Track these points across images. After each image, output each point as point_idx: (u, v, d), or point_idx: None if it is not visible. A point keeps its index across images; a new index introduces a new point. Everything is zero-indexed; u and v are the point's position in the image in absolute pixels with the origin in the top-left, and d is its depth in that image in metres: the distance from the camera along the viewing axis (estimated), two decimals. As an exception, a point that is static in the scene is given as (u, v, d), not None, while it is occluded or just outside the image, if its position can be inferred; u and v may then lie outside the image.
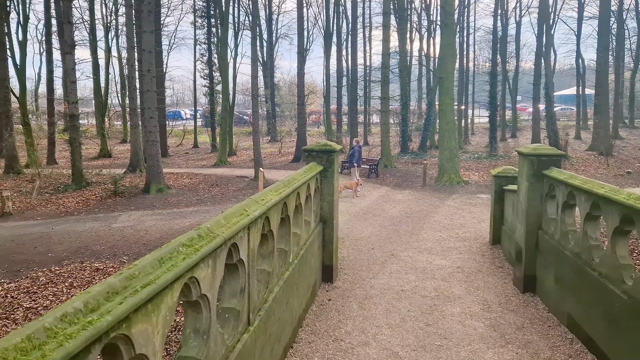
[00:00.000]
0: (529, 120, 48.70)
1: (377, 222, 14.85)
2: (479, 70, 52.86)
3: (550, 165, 7.97)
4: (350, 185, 19.32)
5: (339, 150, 8.91)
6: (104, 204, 19.15)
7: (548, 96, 29.34)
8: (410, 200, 18.35)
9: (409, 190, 20.55)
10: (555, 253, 7.39)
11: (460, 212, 16.17)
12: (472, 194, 19.84)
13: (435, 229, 13.93)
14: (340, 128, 34.55)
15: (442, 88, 21.90)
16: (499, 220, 11.86)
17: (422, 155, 31.00)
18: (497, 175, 11.91)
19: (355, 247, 11.93)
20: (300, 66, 29.33)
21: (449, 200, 18.37)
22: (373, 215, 15.73)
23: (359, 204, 17.63)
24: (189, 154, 35.76)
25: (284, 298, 5.66)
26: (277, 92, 40.46)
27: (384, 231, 13.65)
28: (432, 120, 32.78)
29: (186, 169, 28.34)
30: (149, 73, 20.41)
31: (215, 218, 3.90)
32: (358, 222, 14.91)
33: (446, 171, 21.54)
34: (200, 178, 24.10)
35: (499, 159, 29.76)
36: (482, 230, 13.70)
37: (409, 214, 15.89)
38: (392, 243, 12.33)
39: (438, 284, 8.89)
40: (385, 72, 26.18)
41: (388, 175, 24.32)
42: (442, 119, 21.96)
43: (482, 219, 15.14)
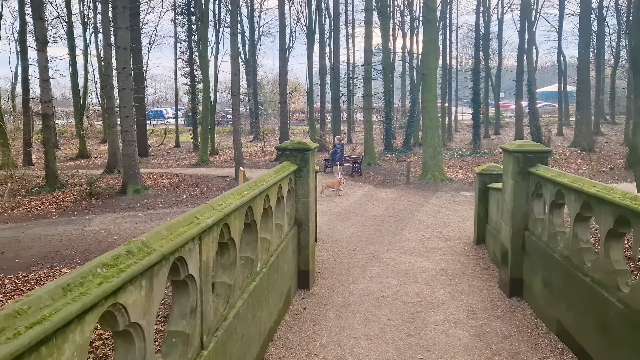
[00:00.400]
0: (512, 117, 48.58)
1: (360, 222, 14.32)
2: (462, 67, 52.67)
3: (537, 163, 7.49)
4: (333, 184, 18.80)
5: (315, 148, 8.35)
6: (78, 206, 18.38)
7: (531, 93, 29.08)
8: (394, 199, 17.86)
9: (393, 189, 20.07)
10: (543, 255, 6.91)
11: (444, 211, 15.72)
12: (456, 191, 19.42)
13: (418, 228, 13.44)
14: (323, 126, 33.97)
15: (425, 85, 21.45)
16: (483, 220, 11.40)
17: (406, 153, 30.57)
18: (481, 173, 11.44)
19: (336, 248, 11.39)
20: (282, 64, 28.70)
21: (432, 199, 17.92)
22: (355, 215, 15.20)
23: (341, 203, 17.10)
24: (170, 153, 34.93)
25: (250, 312, 5.09)
26: (260, 91, 39.74)
27: (366, 231, 13.13)
28: (415, 118, 32.37)
29: (166, 169, 27.57)
30: (125, 70, 19.65)
31: (157, 229, 3.31)
32: (340, 222, 14.37)
33: (430, 169, 21.10)
34: (180, 178, 23.38)
35: (483, 156, 29.44)
36: (466, 229, 13.25)
37: (392, 213, 15.39)
38: (374, 244, 11.81)
39: (421, 289, 8.37)
40: (367, 69, 25.67)
41: (371, 173, 23.83)
42: (425, 116, 21.51)
43: (466, 217, 14.70)
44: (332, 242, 12.07)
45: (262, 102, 39.38)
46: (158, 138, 39.56)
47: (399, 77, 43.71)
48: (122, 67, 19.66)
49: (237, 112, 21.62)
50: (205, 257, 3.82)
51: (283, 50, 28.89)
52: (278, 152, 8.26)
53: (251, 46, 38.87)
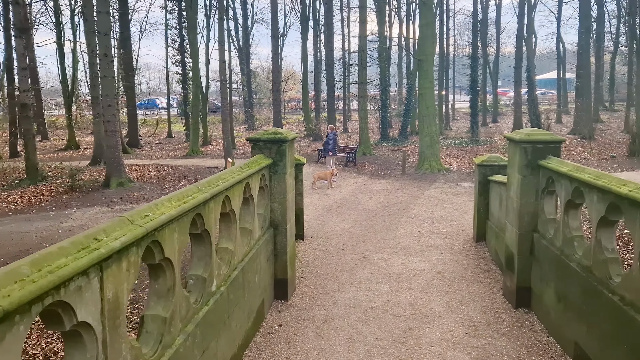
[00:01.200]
0: (510, 104, 47.36)
1: (352, 216, 13.23)
2: (459, 54, 51.30)
3: (548, 154, 6.38)
4: (325, 175, 17.68)
5: (293, 139, 7.23)
6: (58, 200, 17.27)
7: (530, 79, 27.88)
8: (389, 191, 16.77)
9: (388, 180, 18.97)
10: (556, 263, 5.83)
11: (441, 203, 14.63)
12: (454, 182, 18.33)
13: (414, 223, 12.36)
14: (318, 115, 32.77)
15: (422, 71, 20.26)
16: (483, 215, 10.31)
17: (402, 142, 29.43)
18: (481, 165, 10.32)
19: (324, 247, 10.31)
20: (274, 50, 27.45)
21: (429, 190, 16.83)
22: (347, 209, 14.11)
23: (333, 196, 16.00)
24: (162, 143, 33.76)
25: (199, 346, 4.01)
26: (254, 79, 38.48)
27: (358, 227, 12.05)
28: (412, 106, 31.16)
29: (156, 160, 26.43)
30: (106, 57, 18.42)
31: (20, 262, 2.22)
32: (330, 216, 13.28)
33: (426, 158, 19.99)
34: (168, 170, 22.25)
35: (481, 145, 28.30)
36: (464, 224, 12.17)
37: (386, 207, 14.30)
38: (366, 242, 10.73)
39: (415, 297, 7.30)
40: (362, 56, 24.43)
41: (366, 164, 22.71)
42: (421, 103, 20.35)
43: (464, 211, 13.62)
44: (320, 239, 10.99)
45: (257, 91, 38.12)
46: (150, 128, 38.33)
47: (396, 64, 42.39)
48: (104, 53, 18.43)
49: (225, 100, 20.44)
50: (110, 292, 2.73)
51: (275, 36, 27.61)
52: (250, 144, 7.13)
53: (244, 33, 37.51)
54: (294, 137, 7.25)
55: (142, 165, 23.28)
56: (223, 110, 20.18)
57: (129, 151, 29.24)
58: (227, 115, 19.84)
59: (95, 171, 21.62)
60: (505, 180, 8.83)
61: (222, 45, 20.35)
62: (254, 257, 5.79)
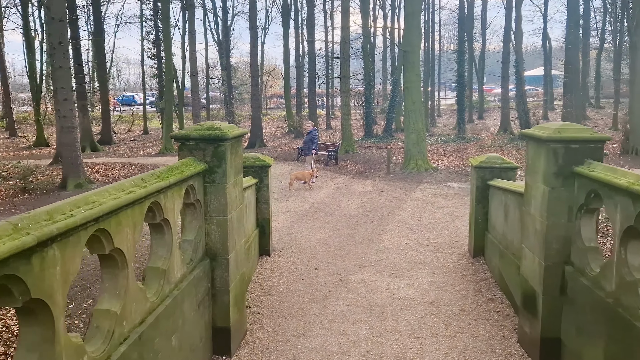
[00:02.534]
0: (495, 101, 45.80)
1: (330, 223, 11.32)
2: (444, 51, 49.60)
3: (587, 157, 4.52)
4: (303, 175, 15.72)
5: (237, 136, 5.26)
6: (6, 204, 15.06)
7: (518, 74, 26.17)
8: (372, 192, 14.88)
9: (372, 180, 17.08)
10: (605, 313, 3.97)
11: (429, 208, 12.77)
12: (442, 182, 16.50)
13: (400, 232, 10.48)
14: (300, 111, 30.78)
15: (408, 63, 18.36)
16: (481, 226, 8.46)
17: (387, 139, 27.57)
18: (480, 166, 8.45)
19: (294, 266, 8.38)
20: (253, 42, 25.34)
21: (416, 192, 14.97)
22: (325, 215, 12.18)
23: (310, 199, 14.06)
24: (137, 140, 31.49)
25: None
26: (235, 74, 36.31)
27: (336, 238, 10.14)
28: (397, 101, 29.30)
29: (126, 158, 24.25)
30: (61, 46, 16.25)
31: None
32: (305, 224, 11.35)
33: (413, 157, 18.13)
34: (136, 169, 20.12)
35: (469, 142, 26.56)
36: (457, 234, 10.33)
37: (369, 212, 12.40)
38: (344, 257, 8.83)
39: (403, 345, 5.41)
40: (345, 48, 22.47)
41: (349, 162, 20.79)
42: (407, 98, 18.46)
43: (456, 216, 11.78)
44: (291, 253, 9.06)
45: (237, 86, 35.97)
46: (126, 125, 35.98)
47: (380, 60, 40.48)
48: (58, 42, 16.25)
49: (196, 94, 18.37)
50: None
51: (254, 27, 25.50)
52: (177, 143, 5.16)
53: (224, 27, 35.26)
54: (240, 134, 5.28)
55: (109, 165, 21.10)
56: (194, 105, 18.10)
57: (99, 149, 27.02)
58: (198, 109, 17.77)
59: (55, 171, 19.39)
60: (510, 187, 6.99)
61: (192, 35, 18.28)
62: (170, 310, 3.83)
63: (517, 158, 21.25)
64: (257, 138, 25.90)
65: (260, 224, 8.64)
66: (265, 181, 8.56)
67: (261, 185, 8.56)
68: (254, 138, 25.98)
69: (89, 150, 26.43)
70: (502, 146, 25.03)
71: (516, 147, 24.65)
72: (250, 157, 8.59)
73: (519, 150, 23.79)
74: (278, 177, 17.80)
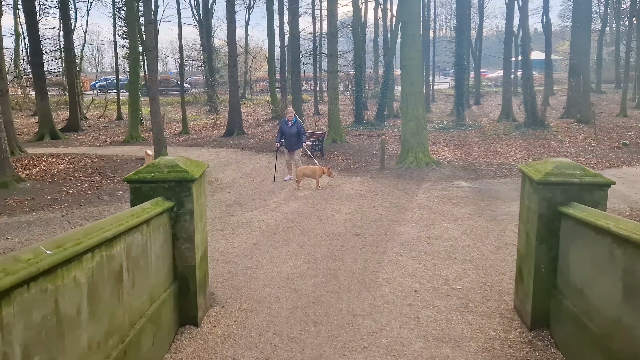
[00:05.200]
0: (492, 85, 42.10)
1: (305, 248, 7.68)
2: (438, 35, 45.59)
3: None
4: (313, 172, 11.92)
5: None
6: None
7: (525, 54, 22.43)
8: (364, 196, 11.22)
9: (362, 177, 13.41)
10: None
11: (439, 220, 9.14)
12: (448, 180, 12.88)
13: (404, 266, 6.86)
14: (285, 95, 26.92)
15: (406, 36, 14.55)
16: (547, 280, 4.83)
17: (379, 126, 23.87)
18: (547, 182, 4.73)
19: (232, 349, 4.75)
20: (230, 17, 21.36)
21: (418, 194, 11.34)
22: (301, 232, 8.52)
23: (285, 206, 10.39)
24: (107, 127, 27.53)
25: None
26: (216, 56, 32.23)
27: (311, 276, 6.52)
28: (390, 85, 25.52)
29: (86, 147, 20.38)
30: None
31: None
32: (271, 249, 7.70)
33: (411, 148, 14.46)
34: (87, 161, 16.31)
35: (469, 130, 22.91)
36: (488, 268, 6.74)
37: (359, 227, 8.76)
38: (319, 325, 5.21)
39: None
40: (332, 22, 18.57)
41: (336, 154, 17.09)
42: (405, 78, 14.70)
43: (478, 235, 8.18)
44: (236, 314, 5.42)
45: (219, 69, 31.93)
46: (100, 110, 31.90)
47: (372, 42, 36.42)
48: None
49: (153, 73, 14.50)
50: None
51: (231, 1, 21.47)
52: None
53: (205, 5, 31.12)
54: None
55: (57, 156, 17.24)
56: (151, 86, 14.22)
57: (60, 136, 23.10)
58: (155, 91, 13.93)
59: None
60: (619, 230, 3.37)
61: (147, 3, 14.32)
62: None
63: (528, 149, 17.65)
64: (236, 125, 22.08)
65: (180, 276, 4.93)
66: (187, 204, 4.83)
67: (181, 211, 4.82)
68: (232, 125, 22.17)
69: (49, 139, 22.52)
70: (507, 134, 21.43)
71: (523, 135, 21.07)
72: (163, 165, 4.85)
73: (526, 139, 20.20)
74: (250, 173, 14.06)
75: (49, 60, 29.83)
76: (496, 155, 16.82)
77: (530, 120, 22.24)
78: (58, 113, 29.59)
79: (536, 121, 22.27)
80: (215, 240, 8.11)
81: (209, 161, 16.14)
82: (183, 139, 22.04)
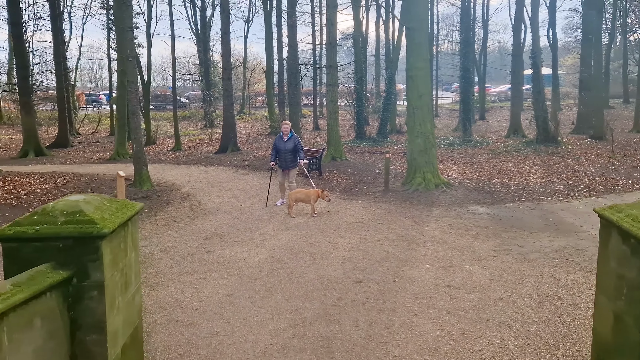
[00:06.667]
0: (496, 100, 40.46)
1: (292, 302, 5.83)
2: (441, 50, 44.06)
3: None
4: (307, 197, 10.06)
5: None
6: None
7: (536, 67, 20.70)
8: (367, 225, 9.37)
9: (365, 201, 11.56)
10: None
11: (459, 260, 7.28)
12: (462, 205, 11.03)
13: (422, 335, 4.99)
14: (283, 110, 25.26)
15: (412, 44, 12.83)
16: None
17: (381, 142, 22.12)
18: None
19: None
20: (224, 28, 19.76)
21: (430, 223, 9.48)
22: (288, 278, 6.67)
23: (273, 239, 8.54)
24: (99, 142, 25.85)
25: None
26: (213, 70, 30.67)
27: (296, 347, 4.69)
28: (392, 100, 23.84)
29: (69, 165, 18.66)
30: None
31: None
32: (247, 303, 5.84)
33: (419, 168, 12.63)
34: (63, 181, 14.53)
35: (477, 146, 21.12)
36: (532, 335, 4.87)
37: (361, 270, 6.91)
38: None
39: None
40: (331, 31, 16.90)
41: (336, 173, 15.28)
42: (412, 90, 12.93)
43: (511, 282, 6.32)
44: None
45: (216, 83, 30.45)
46: (93, 125, 30.27)
47: (372, 56, 34.87)
48: None
49: (132, 84, 12.79)
50: None
51: (226, 11, 19.91)
52: None
53: (202, 17, 29.65)
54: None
55: (32, 175, 15.48)
56: (131, 98, 12.51)
57: (45, 153, 21.39)
58: (136, 105, 12.21)
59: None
60: None
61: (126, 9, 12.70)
62: None
63: (544, 168, 15.83)
64: (230, 141, 20.34)
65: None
66: (94, 274, 2.97)
67: (84, 284, 2.95)
68: (225, 141, 20.43)
69: (33, 155, 20.81)
70: (517, 151, 19.61)
71: (535, 152, 19.23)
72: (59, 211, 2.98)
73: (540, 156, 18.37)
74: (239, 196, 12.24)
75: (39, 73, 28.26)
76: (510, 175, 14.99)
77: (542, 136, 20.45)
78: (50, 128, 27.97)
79: (548, 137, 20.48)
80: (179, 290, 6.28)
81: (196, 181, 14.35)
82: (174, 156, 20.30)
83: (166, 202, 11.73)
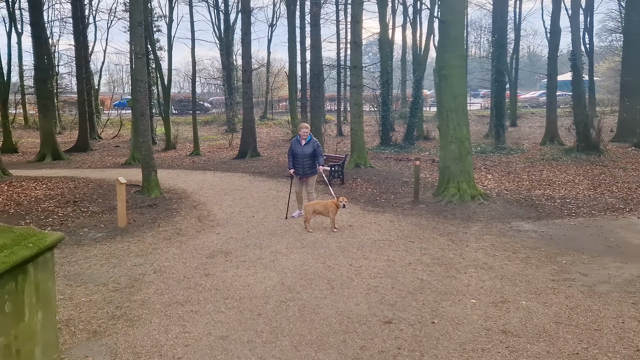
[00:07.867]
0: (527, 107, 38.31)
1: (302, 350, 4.39)
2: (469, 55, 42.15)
3: None
4: (326, 208, 8.57)
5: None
6: None
7: (576, 69, 18.82)
8: (394, 244, 7.88)
9: (392, 214, 10.07)
10: None
11: (512, 292, 5.74)
12: (503, 220, 9.42)
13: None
14: (305, 114, 24.01)
15: (447, 39, 11.32)
16: None
17: (407, 149, 20.57)
18: None
19: None
20: (245, 29, 18.64)
21: (470, 243, 7.93)
22: (300, 312, 5.26)
23: (285, 259, 7.16)
24: (119, 147, 25.08)
25: None
26: (235, 74, 29.69)
27: None
28: (420, 104, 22.28)
29: (82, 169, 17.78)
30: None
31: None
32: (247, 350, 4.42)
33: (453, 177, 11.07)
34: (70, 187, 13.52)
35: (511, 154, 19.34)
36: None
37: (391, 305, 5.44)
38: None
39: None
40: (356, 30, 15.52)
41: (359, 182, 13.83)
42: (445, 91, 11.39)
43: (584, 327, 4.71)
44: None
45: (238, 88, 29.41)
46: (117, 129, 29.65)
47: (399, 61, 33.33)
48: None
49: (141, 83, 11.70)
50: None
51: (247, 11, 18.78)
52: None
53: (226, 21, 28.75)
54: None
55: (41, 180, 14.56)
56: (141, 101, 11.43)
57: (62, 157, 20.65)
58: (145, 106, 11.11)
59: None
60: None
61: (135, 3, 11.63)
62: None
63: (590, 179, 14.01)
64: (249, 146, 19.14)
65: None
66: None
67: None
68: (245, 146, 19.25)
69: (50, 159, 20.06)
70: (556, 160, 17.77)
71: (575, 161, 17.36)
72: None
73: (581, 165, 16.50)
74: (253, 205, 10.90)
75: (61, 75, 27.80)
76: (553, 185, 13.25)
77: (583, 143, 18.55)
78: (73, 132, 27.42)
79: (589, 145, 18.56)
80: (163, 327, 4.95)
81: (209, 188, 13.13)
82: (191, 161, 19.22)
83: (173, 211, 10.52)
